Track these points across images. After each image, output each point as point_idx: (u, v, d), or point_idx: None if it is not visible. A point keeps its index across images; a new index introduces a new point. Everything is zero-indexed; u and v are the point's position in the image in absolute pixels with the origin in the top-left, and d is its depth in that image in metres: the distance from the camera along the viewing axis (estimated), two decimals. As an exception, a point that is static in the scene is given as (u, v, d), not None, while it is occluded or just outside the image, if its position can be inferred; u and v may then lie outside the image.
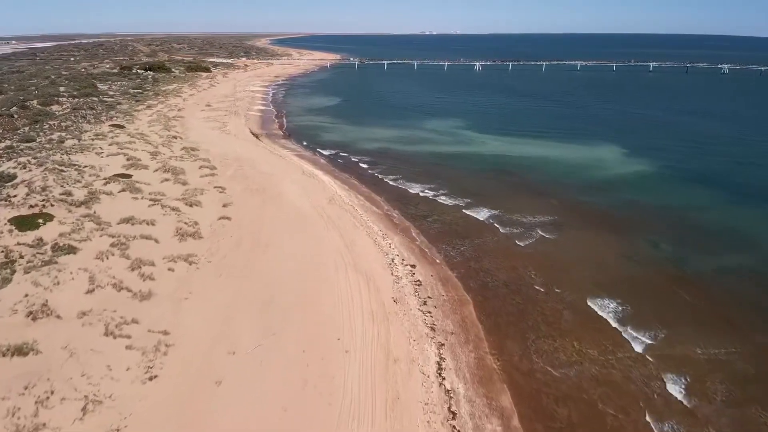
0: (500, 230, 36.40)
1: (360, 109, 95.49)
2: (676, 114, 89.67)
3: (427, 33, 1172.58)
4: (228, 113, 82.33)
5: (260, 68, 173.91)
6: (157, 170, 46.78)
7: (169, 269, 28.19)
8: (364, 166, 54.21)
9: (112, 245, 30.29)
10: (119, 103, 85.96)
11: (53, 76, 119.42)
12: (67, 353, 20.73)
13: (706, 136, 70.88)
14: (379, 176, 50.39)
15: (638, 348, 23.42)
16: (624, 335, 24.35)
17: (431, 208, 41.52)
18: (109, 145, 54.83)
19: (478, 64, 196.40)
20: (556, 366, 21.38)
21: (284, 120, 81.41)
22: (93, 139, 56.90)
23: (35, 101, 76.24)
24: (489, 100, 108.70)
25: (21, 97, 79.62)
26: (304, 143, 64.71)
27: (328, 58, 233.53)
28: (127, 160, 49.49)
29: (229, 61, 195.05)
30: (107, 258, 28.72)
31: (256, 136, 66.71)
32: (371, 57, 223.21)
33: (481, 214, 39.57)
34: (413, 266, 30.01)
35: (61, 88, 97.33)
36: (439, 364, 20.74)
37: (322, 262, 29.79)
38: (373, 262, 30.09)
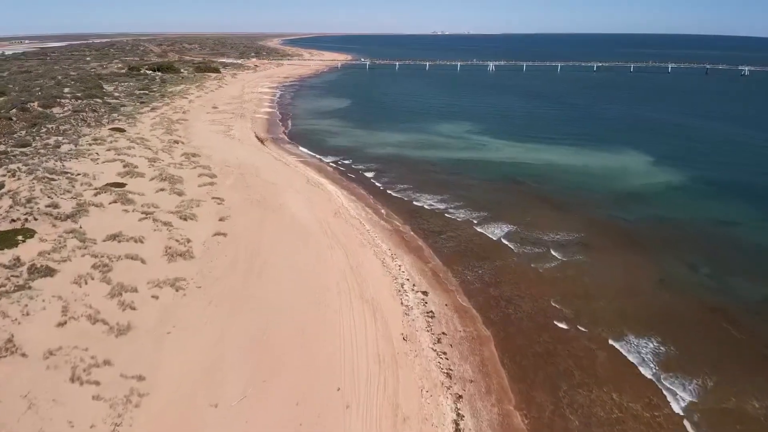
0: (520, 250, 33.19)
1: (370, 111, 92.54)
2: (702, 118, 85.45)
3: (439, 33, 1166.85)
4: (234, 116, 79.81)
5: (270, 69, 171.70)
6: (153, 179, 44.18)
7: (153, 296, 25.40)
8: (373, 174, 51.21)
9: (94, 266, 27.59)
10: (123, 105, 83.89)
11: (60, 77, 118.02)
12: (26, 403, 17.98)
13: (737, 142, 66.86)
14: (389, 185, 47.36)
15: (685, 399, 20.16)
16: (667, 383, 21.08)
17: (444, 222, 38.40)
18: (107, 150, 52.44)
19: (491, 65, 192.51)
20: (594, 426, 18.19)
21: (291, 123, 78.71)
22: (90, 144, 54.54)
23: (36, 103, 74.26)
24: (503, 102, 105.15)
25: (23, 99, 77.81)
26: (311, 148, 61.86)
27: (339, 58, 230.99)
28: (124, 167, 46.97)
29: (239, 61, 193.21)
30: (86, 283, 26.01)
31: (261, 140, 64.01)
32: (382, 58, 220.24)
33: (499, 231, 36.35)
34: (425, 293, 26.95)
35: (66, 89, 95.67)
36: (456, 423, 17.66)
37: (324, 287, 26.84)
38: (381, 288, 27.08)
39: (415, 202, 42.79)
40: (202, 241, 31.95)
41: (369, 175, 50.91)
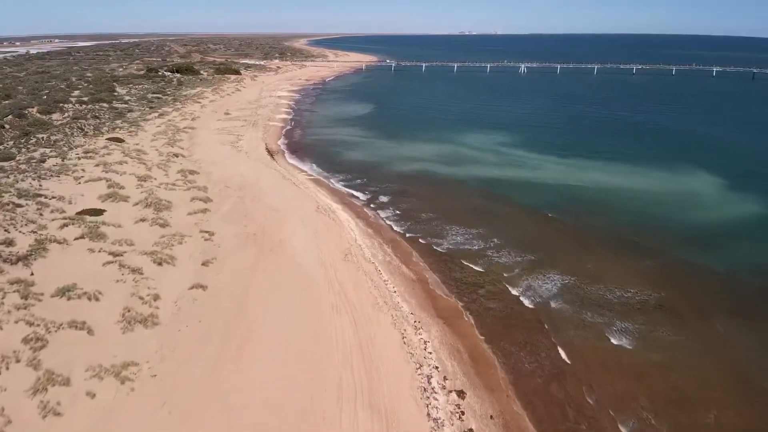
0: (584, 318, 25.42)
1: (394, 118, 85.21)
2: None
3: (467, 33, 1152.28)
4: (246, 124, 73.53)
5: (292, 71, 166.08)
6: (138, 203, 37.78)
7: (89, 393, 18.61)
8: (395, 197, 43.86)
9: (26, 340, 20.99)
10: (130, 110, 78.62)
11: (75, 78, 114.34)
12: None
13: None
14: (413, 214, 39.91)
15: None
16: None
17: (482, 270, 30.76)
18: (96, 165, 46.47)
19: (523, 67, 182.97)
20: None
21: (307, 133, 71.91)
22: (79, 158, 48.73)
23: (35, 108, 69.28)
24: (539, 108, 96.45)
25: (25, 103, 73.14)
26: (326, 164, 54.87)
27: (363, 59, 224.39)
28: (108, 187, 40.81)
29: (262, 62, 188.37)
30: (7, 368, 19.40)
31: (272, 153, 57.34)
32: (409, 59, 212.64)
33: (554, 287, 28.56)
34: (461, 394, 19.50)
35: (76, 92, 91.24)
36: None
37: (319, 383, 19.62)
38: (399, 384, 19.75)
39: (443, 239, 35.23)
40: (173, 298, 25.13)
41: (389, 199, 43.54)
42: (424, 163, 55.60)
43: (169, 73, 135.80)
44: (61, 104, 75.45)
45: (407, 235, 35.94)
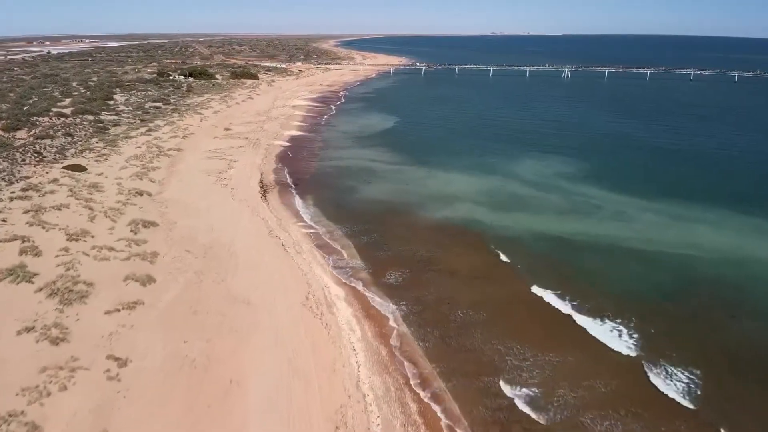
0: None
1: (424, 136, 71.78)
2: None
3: (498, 34, 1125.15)
4: (246, 144, 61.33)
5: (314, 75, 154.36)
6: (42, 288, 25.58)
7: None
8: (424, 279, 30.05)
9: None
10: (117, 124, 67.63)
11: (76, 83, 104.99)
12: None
13: None
14: (455, 314, 26.22)
15: None
16: None
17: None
18: (25, 212, 34.88)
19: (566, 71, 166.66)
20: None
21: (318, 156, 59.11)
22: (12, 198, 37.28)
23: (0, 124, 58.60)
24: (597, 124, 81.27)
25: (-6, 116, 62.78)
26: (334, 206, 41.97)
27: (392, 62, 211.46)
28: (20, 253, 29.00)
29: (284, 65, 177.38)
30: None
31: (265, 189, 44.71)
32: (439, 61, 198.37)
33: None
34: None
35: (67, 101, 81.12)
36: None
37: None
38: None
39: (509, 381, 21.58)
40: None
41: (417, 279, 30.04)
42: (464, 206, 42.04)
43: (182, 77, 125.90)
44: (36, 117, 64.85)
45: (449, 365, 22.27)
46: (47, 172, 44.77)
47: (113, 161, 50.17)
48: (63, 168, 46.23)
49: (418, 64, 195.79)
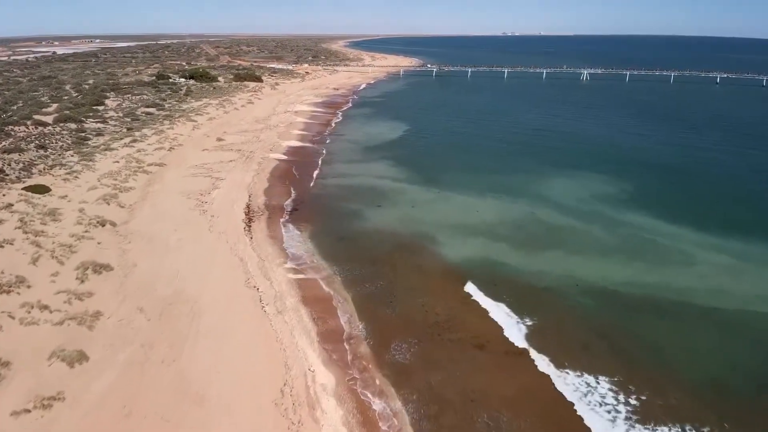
0: None
1: (436, 148, 65.00)
2: None
3: (509, 34, 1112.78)
4: (238, 156, 54.99)
5: (321, 77, 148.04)
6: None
7: None
8: (444, 351, 23.45)
9: None
10: (100, 134, 61.75)
11: (69, 86, 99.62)
12: None
13: None
14: (489, 422, 19.48)
15: None
16: None
17: None
18: (-46, 251, 28.54)
19: (585, 73, 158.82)
20: None
21: (316, 173, 52.43)
22: (-56, 232, 31.06)
23: (-36, 135, 52.77)
24: (633, 133, 73.67)
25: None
26: (329, 239, 35.37)
27: (401, 63, 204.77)
28: (-75, 313, 22.59)
29: (290, 67, 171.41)
30: None
31: (251, 218, 38.20)
32: (451, 63, 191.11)
33: None
34: None
35: (54, 106, 75.45)
36: None
37: None
38: None
39: None
40: None
41: (428, 355, 23.36)
42: (485, 242, 35.15)
43: (183, 79, 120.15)
44: (12, 127, 59.03)
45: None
46: (3, 195, 38.71)
47: (84, 179, 44.08)
48: (23, 189, 40.14)
49: (429, 65, 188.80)
